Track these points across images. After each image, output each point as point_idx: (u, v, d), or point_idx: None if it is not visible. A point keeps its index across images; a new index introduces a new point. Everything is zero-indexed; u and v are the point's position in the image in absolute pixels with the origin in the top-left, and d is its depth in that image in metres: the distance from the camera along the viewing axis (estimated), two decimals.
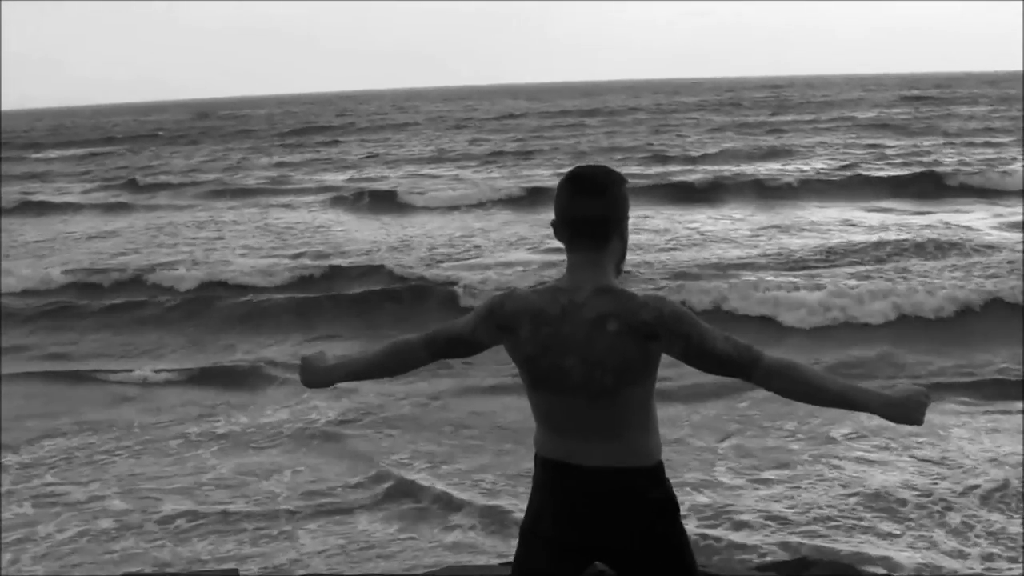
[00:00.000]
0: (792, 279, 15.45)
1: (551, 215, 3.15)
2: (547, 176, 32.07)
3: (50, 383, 12.48)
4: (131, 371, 12.77)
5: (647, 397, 3.15)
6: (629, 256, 3.62)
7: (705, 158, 36.37)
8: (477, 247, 20.82)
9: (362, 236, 23.08)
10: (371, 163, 42.98)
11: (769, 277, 15.71)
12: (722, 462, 8.62)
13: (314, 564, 6.96)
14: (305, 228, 24.90)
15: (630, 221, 3.24)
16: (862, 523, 7.27)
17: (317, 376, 3.48)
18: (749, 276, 15.81)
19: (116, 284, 18.04)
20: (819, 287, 14.56)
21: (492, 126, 65.18)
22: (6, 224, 29.68)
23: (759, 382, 3.03)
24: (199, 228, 25.93)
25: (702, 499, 7.79)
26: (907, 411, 2.99)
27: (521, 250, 19.90)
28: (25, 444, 9.94)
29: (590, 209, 3.09)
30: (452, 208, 27.10)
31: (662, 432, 3.19)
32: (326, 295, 16.14)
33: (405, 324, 13.69)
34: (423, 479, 8.46)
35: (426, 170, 38.12)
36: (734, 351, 3.04)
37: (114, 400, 11.56)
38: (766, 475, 8.25)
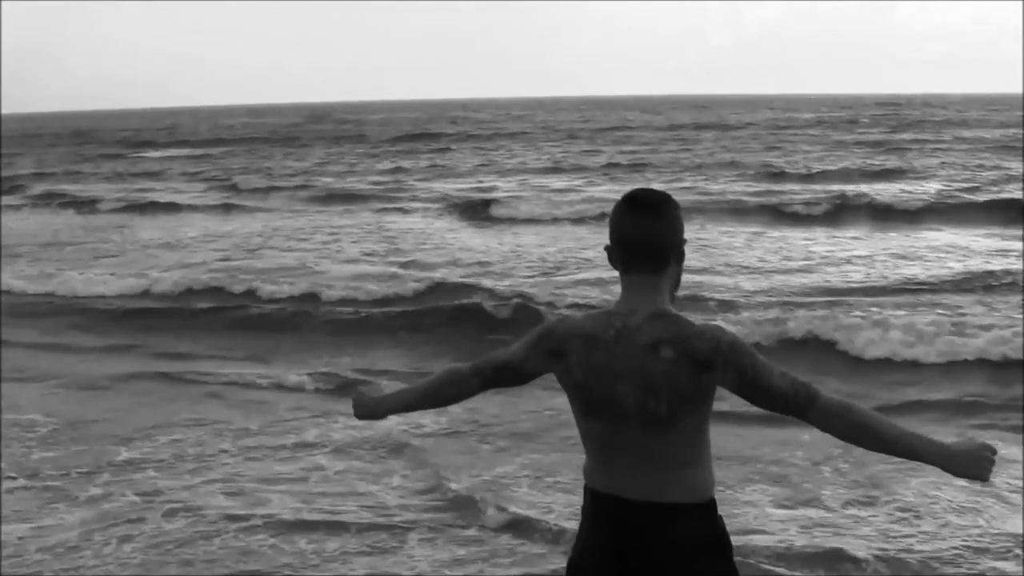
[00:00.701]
0: (902, 310, 14.80)
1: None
2: (664, 190, 31.77)
3: (161, 383, 12.83)
4: (243, 374, 13.09)
5: (702, 430, 3.09)
6: (727, 278, 3.63)
7: (822, 175, 35.89)
8: (587, 260, 20.75)
9: (473, 246, 23.15)
10: (484, 172, 43.15)
11: (876, 308, 15.05)
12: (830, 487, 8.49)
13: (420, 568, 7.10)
14: (416, 236, 25.01)
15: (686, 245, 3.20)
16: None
17: (368, 409, 3.54)
18: (858, 305, 15.23)
19: (227, 288, 18.29)
20: (937, 318, 13.88)
21: (605, 137, 64.97)
22: (124, 221, 30.51)
23: (814, 422, 2.98)
24: (310, 233, 26.23)
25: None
26: (971, 466, 2.89)
27: None
28: (135, 440, 10.29)
29: (648, 231, 3.07)
30: (564, 220, 26.95)
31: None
32: (430, 307, 16.17)
33: (504, 342, 13.71)
34: (524, 495, 8.53)
35: (539, 180, 38.14)
36: (790, 388, 2.98)
37: (223, 402, 11.86)
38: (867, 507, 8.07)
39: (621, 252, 3.11)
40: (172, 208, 33.38)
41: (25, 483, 9.16)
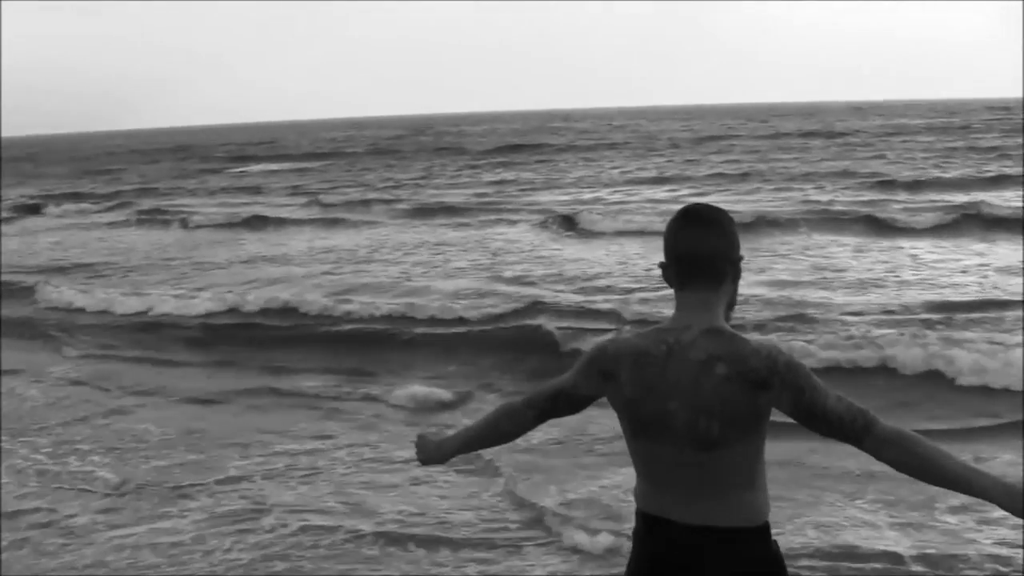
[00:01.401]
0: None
1: (779, 242, 3.29)
2: (770, 200, 31.66)
3: (269, 397, 13.28)
4: (347, 389, 13.43)
5: (755, 452, 3.03)
6: (828, 291, 3.64)
7: (935, 184, 35.34)
8: None
9: (576, 258, 23.15)
10: (587, 182, 43.13)
11: (988, 327, 14.45)
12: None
13: None
14: (519, 250, 25.06)
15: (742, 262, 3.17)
16: None
17: (430, 453, 3.57)
18: (970, 324, 14.68)
19: (327, 303, 18.35)
20: None
21: (709, 146, 64.53)
22: (225, 236, 31.09)
23: (870, 450, 2.93)
24: (414, 247, 26.42)
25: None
26: None
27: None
28: (246, 450, 10.75)
29: (705, 245, 3.04)
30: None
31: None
32: (533, 324, 16.02)
33: None
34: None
35: (645, 191, 37.98)
36: (847, 413, 2.93)
37: (329, 415, 12.24)
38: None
39: (677, 268, 3.09)
40: (275, 222, 33.82)
41: (139, 489, 9.64)
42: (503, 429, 3.44)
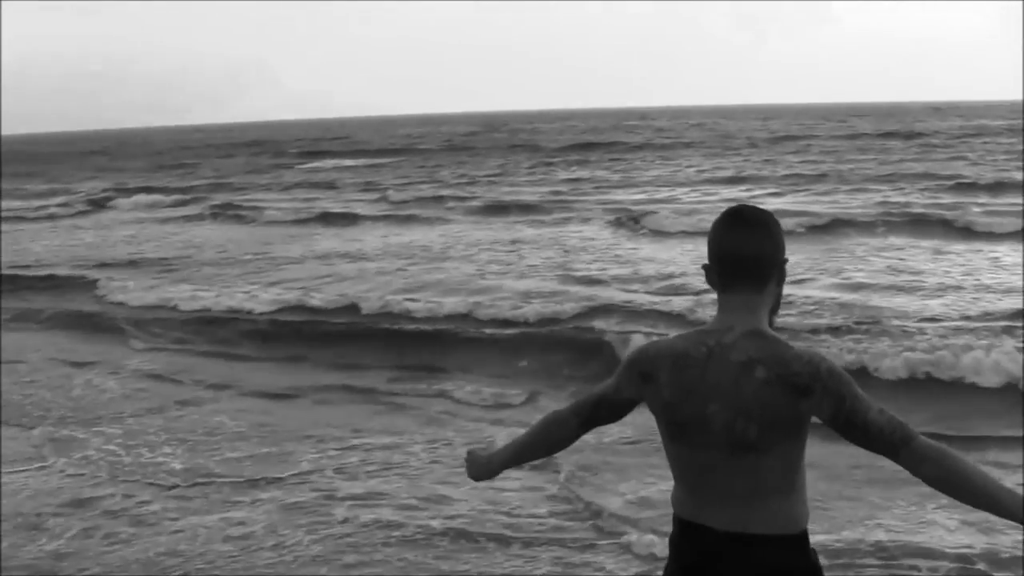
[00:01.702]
0: None
1: (857, 244, 3.27)
2: (847, 202, 31.31)
3: (341, 393, 13.49)
4: (417, 387, 13.58)
5: (794, 459, 2.99)
6: (909, 296, 3.57)
7: (1016, 186, 34.52)
8: None
9: (650, 259, 23.05)
10: (662, 181, 42.87)
11: None
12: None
13: None
14: (592, 249, 24.95)
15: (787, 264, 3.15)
16: None
17: (480, 468, 3.56)
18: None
19: (396, 302, 18.35)
20: None
21: (785, 146, 63.83)
22: (297, 232, 31.40)
23: (906, 463, 2.90)
24: (488, 245, 26.45)
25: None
26: None
27: (812, 287, 18.47)
28: (320, 444, 10.96)
29: (751, 246, 3.02)
30: None
31: None
32: (599, 327, 15.87)
33: None
34: None
35: (722, 191, 37.63)
36: (887, 425, 2.90)
37: (399, 412, 12.40)
38: None
39: (721, 269, 3.07)
40: (348, 218, 34.11)
41: (211, 480, 9.88)
42: (553, 438, 3.42)
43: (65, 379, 14.53)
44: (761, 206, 3.19)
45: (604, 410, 3.30)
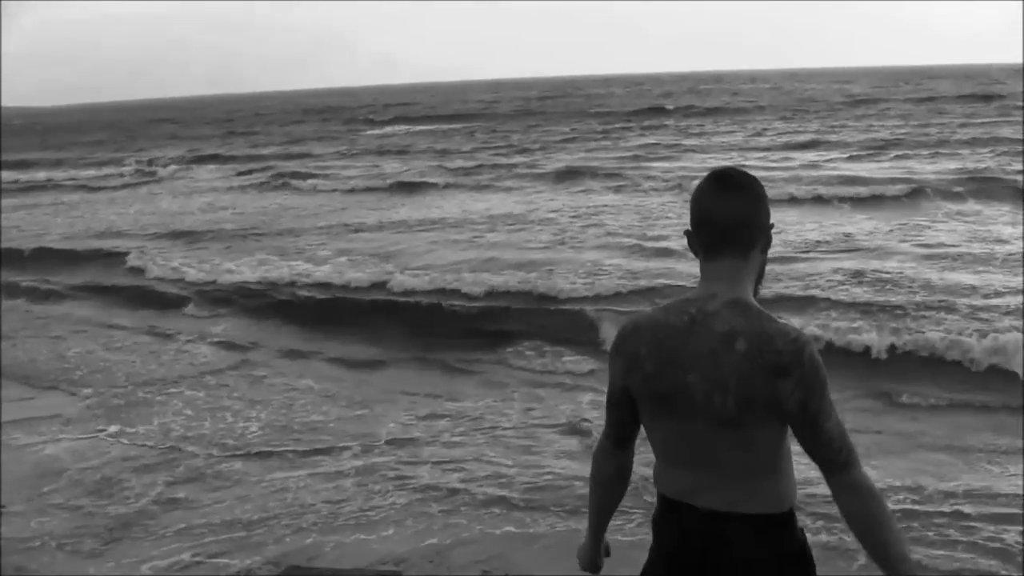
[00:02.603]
0: None
1: (939, 209, 3.24)
2: (925, 167, 30.82)
3: (418, 366, 13.77)
4: (489, 360, 13.81)
5: (776, 438, 2.87)
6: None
7: None
8: (847, 236, 20.49)
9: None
10: (736, 146, 42.53)
11: None
12: None
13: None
14: (664, 216, 24.68)
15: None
16: None
17: (587, 563, 3.45)
18: None
19: (466, 279, 18.22)
20: None
21: (862, 110, 62.61)
22: (376, 200, 31.69)
23: (837, 487, 2.82)
24: (560, 211, 26.41)
25: None
26: None
27: (891, 258, 17.99)
28: (404, 413, 11.30)
29: (735, 209, 2.90)
30: (827, 199, 25.66)
31: None
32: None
33: None
34: None
35: (796, 156, 37.07)
36: (837, 440, 2.81)
37: (480, 385, 12.60)
38: None
39: (705, 233, 2.94)
40: (421, 186, 34.27)
41: (299, 440, 10.40)
42: (605, 475, 3.29)
43: (146, 347, 15.14)
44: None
45: (621, 412, 3.13)
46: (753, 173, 3.10)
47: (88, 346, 15.20)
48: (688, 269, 17.69)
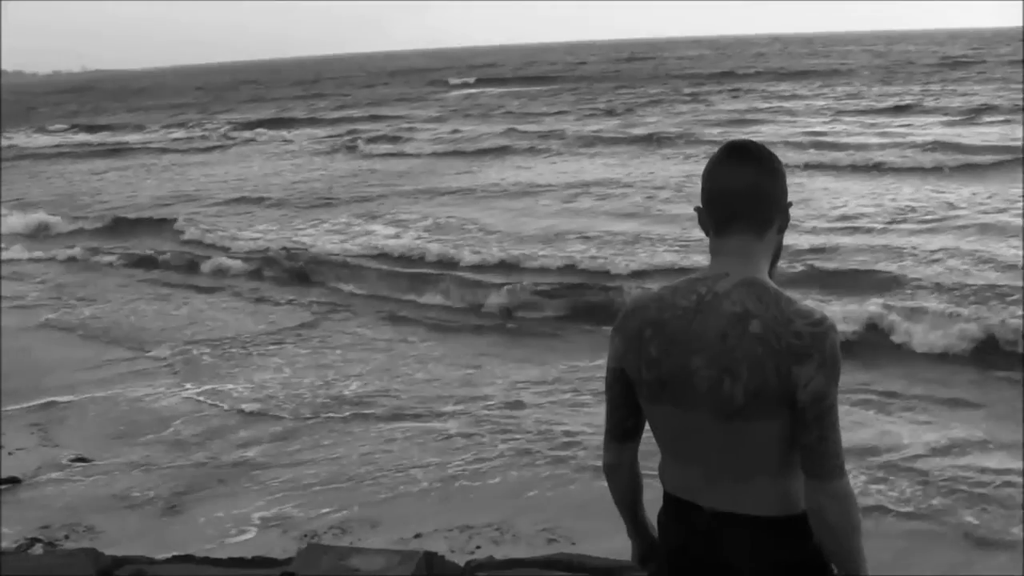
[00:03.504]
0: None
1: None
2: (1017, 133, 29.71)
3: (507, 331, 14.18)
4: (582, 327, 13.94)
5: (787, 434, 2.61)
6: None
7: None
8: (949, 204, 20.12)
9: (825, 188, 22.89)
10: (824, 111, 41.43)
11: None
12: None
13: None
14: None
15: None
16: None
17: (634, 558, 3.20)
18: None
19: (547, 247, 18.39)
20: None
21: (958, 72, 60.83)
22: (463, 164, 31.87)
23: (821, 493, 2.57)
24: (657, 178, 26.00)
25: None
26: None
27: (986, 236, 17.27)
28: (484, 382, 11.58)
29: (749, 183, 2.68)
30: (924, 168, 24.98)
31: None
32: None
33: None
34: None
35: (887, 122, 36.03)
36: (834, 446, 2.57)
37: (573, 351, 12.75)
38: None
39: (717, 209, 2.72)
40: (506, 151, 34.24)
41: (398, 398, 10.96)
42: (620, 477, 3.01)
43: (242, 309, 15.83)
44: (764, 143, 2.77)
45: (615, 398, 2.89)
46: (846, 139, 2.93)
47: (172, 309, 15.95)
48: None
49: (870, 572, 2.68)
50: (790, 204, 2.77)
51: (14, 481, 8.98)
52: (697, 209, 2.78)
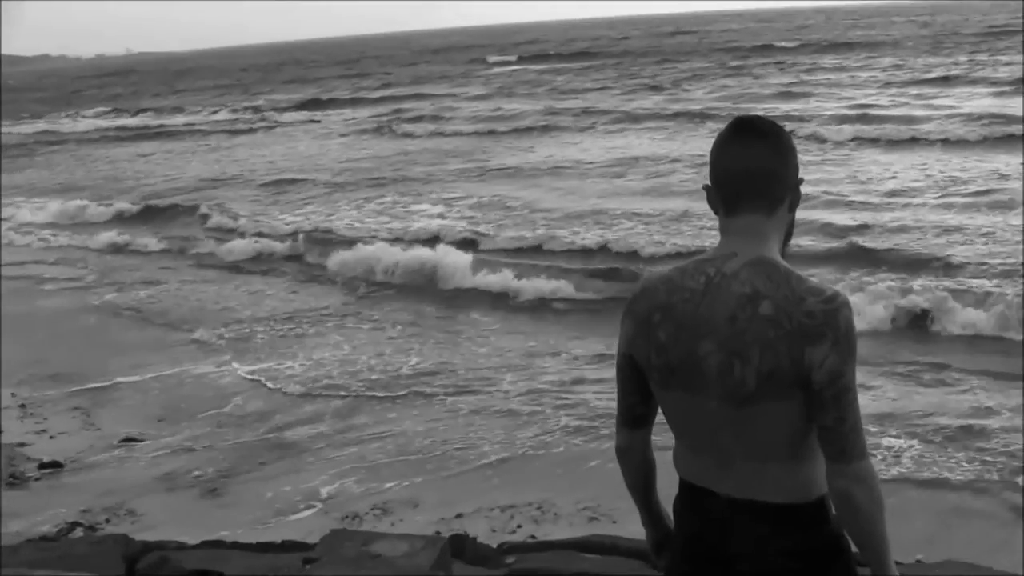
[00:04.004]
0: None
1: None
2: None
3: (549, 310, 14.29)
4: None
5: (801, 418, 2.52)
6: None
7: None
8: (997, 174, 19.90)
9: (872, 161, 22.59)
10: (870, 82, 40.66)
11: None
12: None
13: None
14: (842, 168, 22.86)
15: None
16: None
17: (656, 552, 3.09)
18: None
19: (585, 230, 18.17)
20: None
21: (998, 43, 58.36)
22: (514, 142, 31.75)
23: (845, 476, 2.48)
24: (688, 156, 25.62)
25: None
26: None
27: None
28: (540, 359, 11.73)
29: (759, 159, 2.60)
30: (972, 140, 24.49)
31: None
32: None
33: None
34: None
35: (932, 93, 35.15)
36: (855, 427, 2.48)
37: None
38: None
39: (726, 187, 2.64)
40: (551, 129, 33.96)
41: (456, 374, 11.15)
42: (634, 463, 2.92)
43: (288, 287, 16.18)
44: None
45: (625, 383, 2.81)
46: (893, 111, 2.82)
47: (224, 291, 16.24)
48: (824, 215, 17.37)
49: (922, 538, 2.61)
50: (801, 181, 2.69)
51: (56, 465, 9.05)
52: (706, 187, 2.69)
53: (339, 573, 4.83)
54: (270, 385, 11.16)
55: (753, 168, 2.59)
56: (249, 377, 11.50)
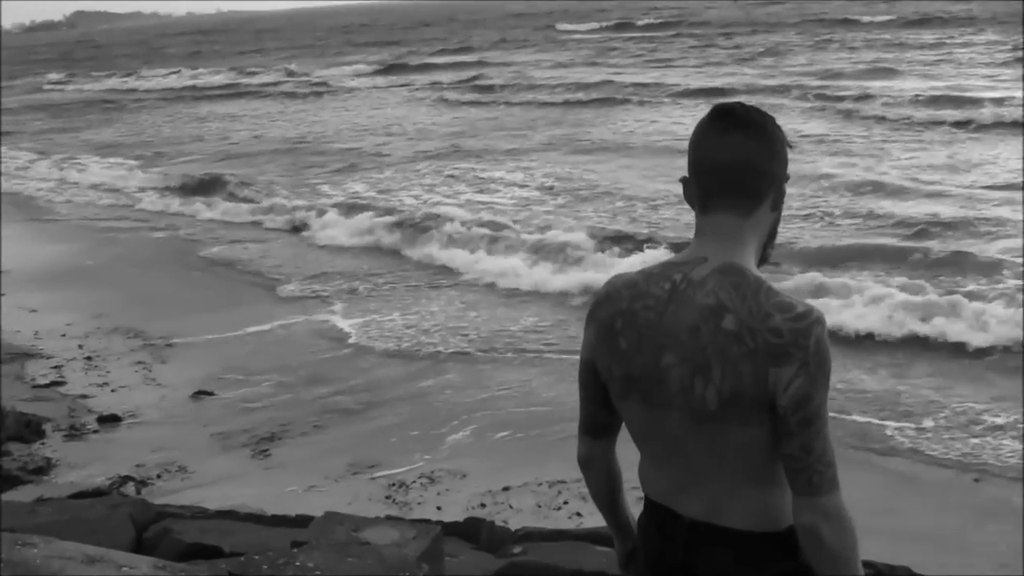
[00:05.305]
0: None
1: None
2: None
3: None
4: None
5: (768, 441, 2.36)
6: None
7: None
8: None
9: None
10: (965, 63, 37.09)
11: None
12: None
13: None
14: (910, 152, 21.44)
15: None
16: None
17: (622, 558, 2.95)
18: None
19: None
20: None
21: None
22: (601, 113, 31.45)
23: (811, 510, 2.32)
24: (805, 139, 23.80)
25: None
26: None
27: None
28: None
29: (739, 151, 2.38)
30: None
31: None
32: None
33: None
34: None
35: (1007, 74, 32.17)
36: (829, 452, 2.32)
37: None
38: None
39: (702, 182, 2.44)
40: (626, 103, 32.67)
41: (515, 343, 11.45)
42: (596, 473, 2.80)
43: (365, 259, 16.14)
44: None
45: (587, 392, 2.68)
46: (988, 93, 2.46)
47: (303, 253, 16.62)
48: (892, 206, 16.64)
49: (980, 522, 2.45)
50: (787, 178, 2.49)
51: (115, 419, 9.20)
52: (683, 180, 2.50)
53: (322, 560, 4.68)
54: (353, 342, 11.59)
55: (730, 161, 2.39)
56: (339, 333, 11.92)
